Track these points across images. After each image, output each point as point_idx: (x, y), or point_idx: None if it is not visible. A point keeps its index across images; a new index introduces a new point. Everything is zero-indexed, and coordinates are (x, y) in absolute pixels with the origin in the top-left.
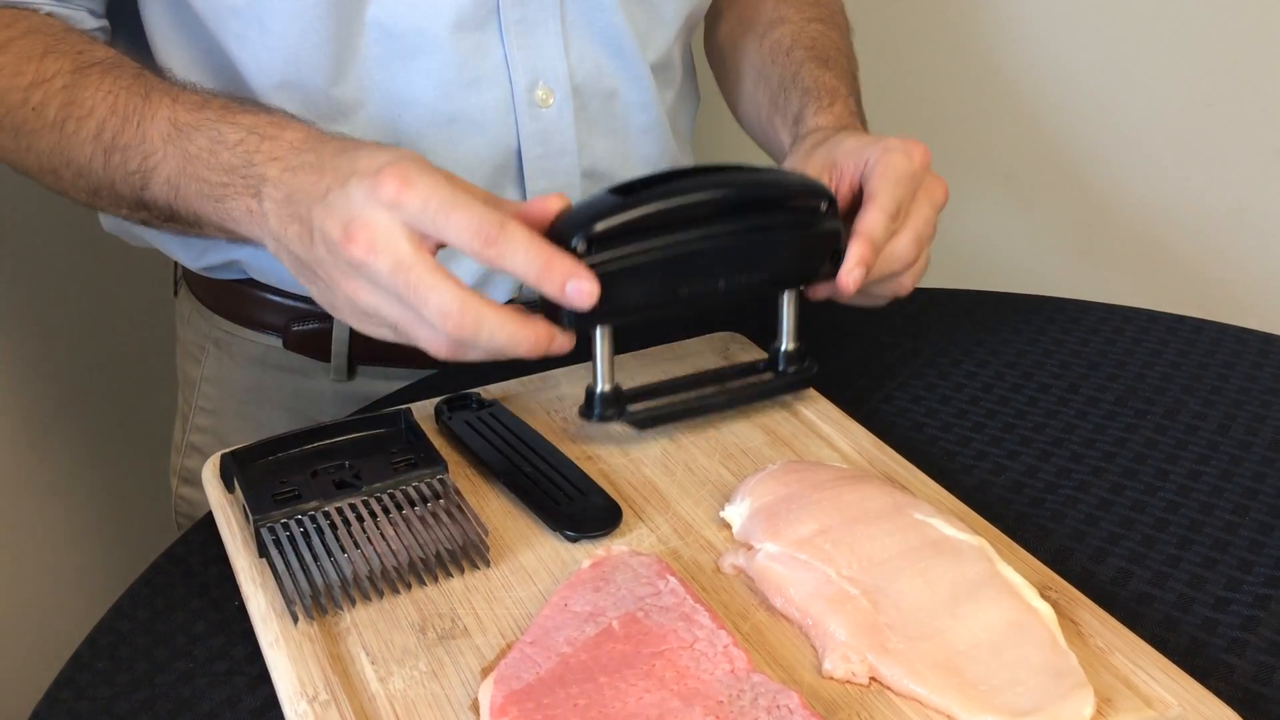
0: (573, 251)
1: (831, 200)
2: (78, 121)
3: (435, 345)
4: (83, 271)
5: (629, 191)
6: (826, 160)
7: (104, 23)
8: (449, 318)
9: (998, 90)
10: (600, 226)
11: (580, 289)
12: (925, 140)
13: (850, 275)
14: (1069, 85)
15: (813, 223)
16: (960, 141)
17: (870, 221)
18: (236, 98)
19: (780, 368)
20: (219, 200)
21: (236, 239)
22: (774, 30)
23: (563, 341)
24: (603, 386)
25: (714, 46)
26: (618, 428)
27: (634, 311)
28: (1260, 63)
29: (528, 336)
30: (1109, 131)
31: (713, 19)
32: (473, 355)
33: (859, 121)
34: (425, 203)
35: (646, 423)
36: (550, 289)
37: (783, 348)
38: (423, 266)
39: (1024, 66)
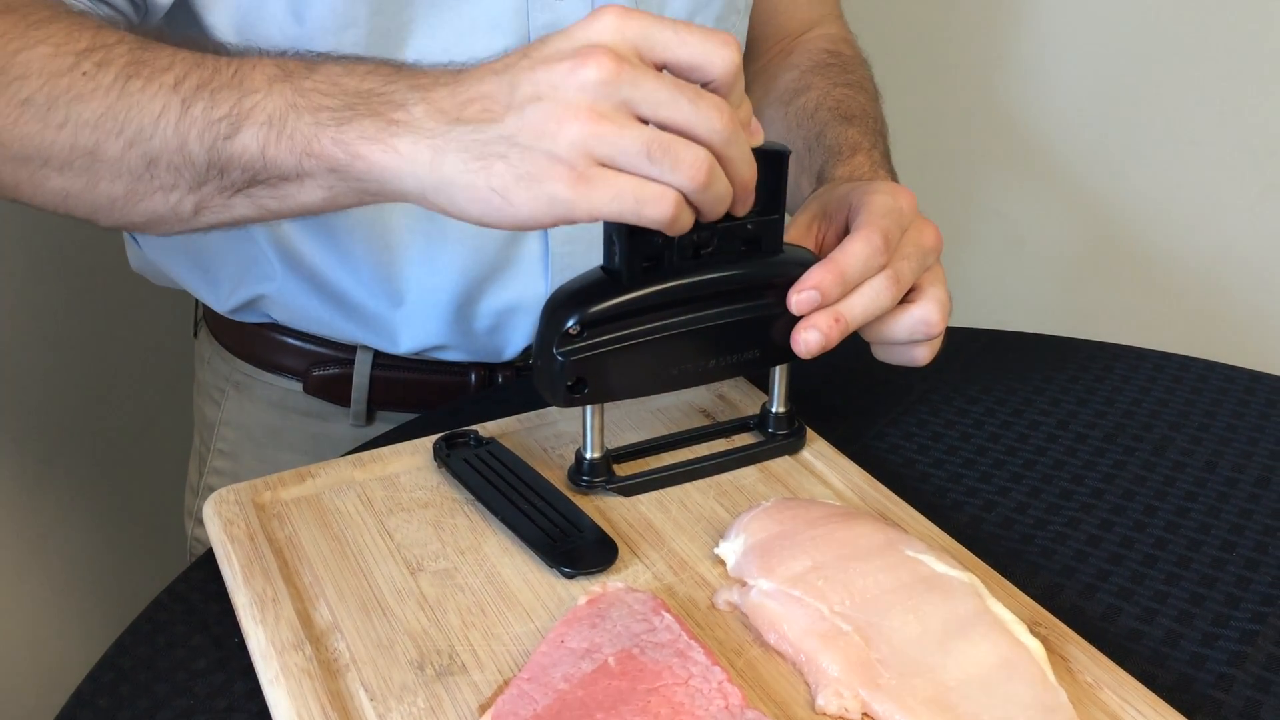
0: (566, 333)
1: None
2: (147, 79)
3: (688, 173)
4: (102, 310)
5: (617, 270)
6: (817, 210)
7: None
8: (725, 111)
9: (988, 127)
10: (594, 309)
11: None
12: (917, 175)
13: (798, 295)
14: (1058, 123)
15: None
16: (951, 178)
17: (841, 248)
18: (349, 54)
19: (770, 429)
20: (341, 124)
21: (336, 193)
22: (799, 97)
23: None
24: (592, 454)
25: None
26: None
27: (625, 391)
28: (1246, 101)
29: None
30: (1098, 169)
31: None
32: (709, 195)
33: (883, 171)
34: (649, 24)
35: (632, 490)
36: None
37: (773, 410)
38: None
39: (1014, 103)
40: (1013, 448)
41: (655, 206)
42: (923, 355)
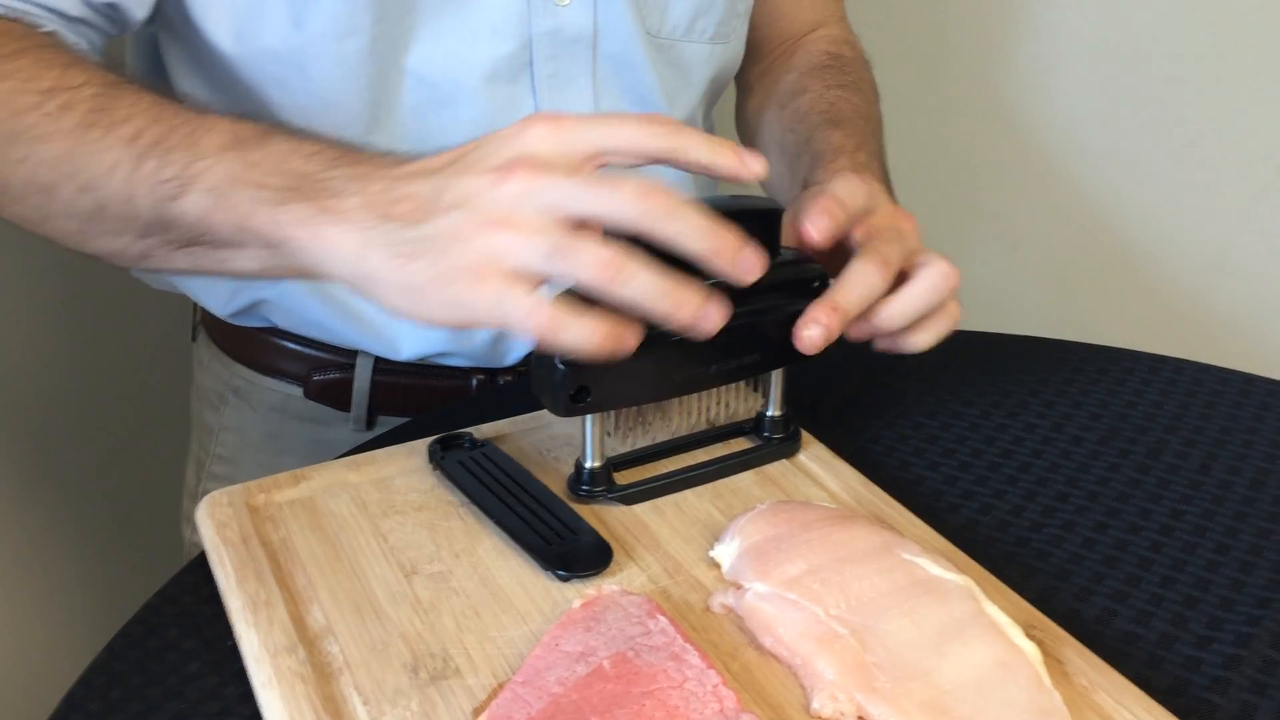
0: None
1: (823, 277)
2: (106, 129)
3: (592, 270)
4: (100, 313)
5: None
6: (791, 215)
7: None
8: (648, 193)
9: (983, 131)
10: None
11: (750, 261)
12: (913, 179)
13: (814, 222)
14: (1054, 128)
15: (804, 301)
16: (947, 182)
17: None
18: (302, 128)
19: (766, 433)
20: (277, 205)
21: (270, 265)
22: (794, 100)
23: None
24: (592, 463)
25: (743, 121)
26: None
27: (627, 399)
28: (1241, 105)
29: (719, 229)
30: (1093, 173)
31: (742, 94)
32: (631, 288)
33: (865, 172)
34: (578, 124)
35: (633, 499)
36: (726, 258)
37: (769, 413)
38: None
39: (1010, 107)
40: (1008, 451)
41: (529, 317)
42: (926, 339)
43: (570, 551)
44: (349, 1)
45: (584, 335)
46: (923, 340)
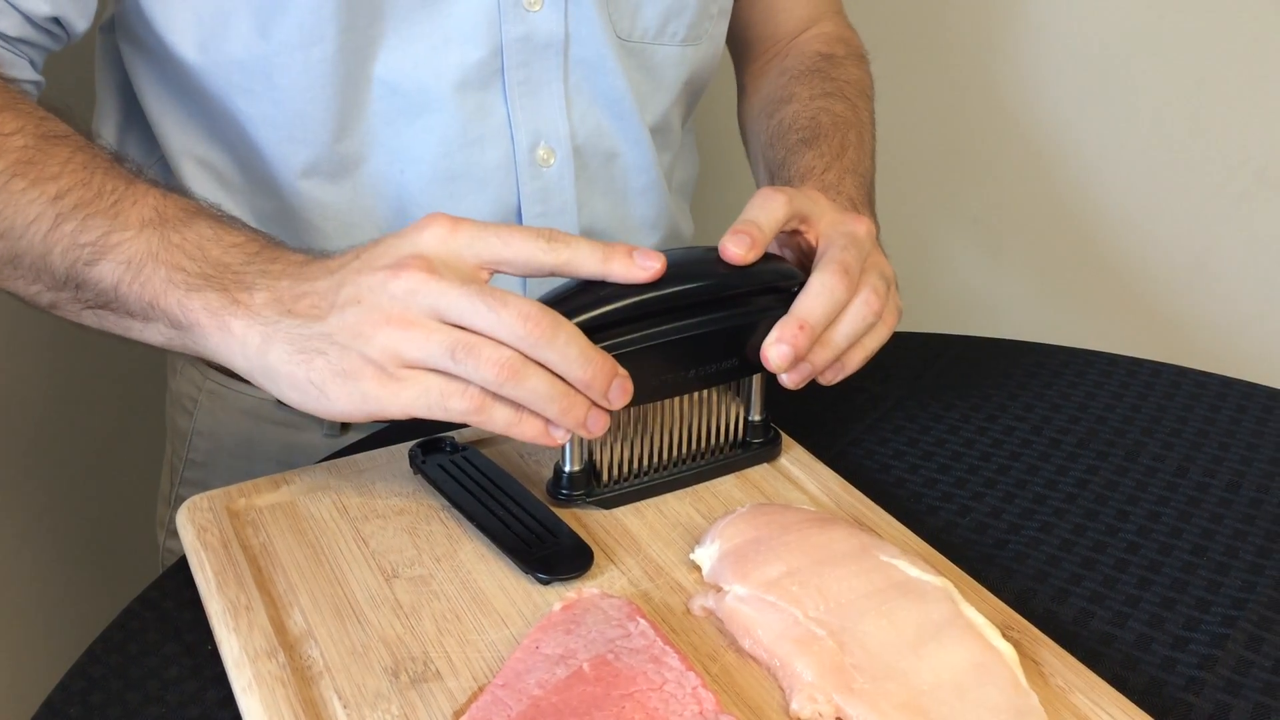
0: None
1: (801, 280)
2: (32, 181)
3: (492, 370)
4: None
5: (596, 281)
6: None
7: (40, 79)
8: (529, 318)
9: (966, 135)
10: (576, 321)
11: (623, 388)
12: (895, 184)
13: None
14: (1036, 132)
15: (782, 308)
16: (929, 185)
17: (810, 286)
18: (227, 213)
19: (747, 437)
20: (190, 290)
21: (174, 343)
22: (780, 110)
23: (623, 389)
24: (571, 467)
25: (741, 124)
26: None
27: None
28: (1220, 112)
29: (595, 360)
30: (1075, 177)
31: (739, 95)
32: (523, 391)
33: (830, 192)
34: (475, 233)
35: (612, 503)
36: (597, 389)
37: (749, 418)
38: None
39: (992, 112)
40: (987, 453)
41: (459, 400)
42: (861, 356)
43: (551, 555)
44: (315, 11)
45: (510, 420)
46: (858, 358)
